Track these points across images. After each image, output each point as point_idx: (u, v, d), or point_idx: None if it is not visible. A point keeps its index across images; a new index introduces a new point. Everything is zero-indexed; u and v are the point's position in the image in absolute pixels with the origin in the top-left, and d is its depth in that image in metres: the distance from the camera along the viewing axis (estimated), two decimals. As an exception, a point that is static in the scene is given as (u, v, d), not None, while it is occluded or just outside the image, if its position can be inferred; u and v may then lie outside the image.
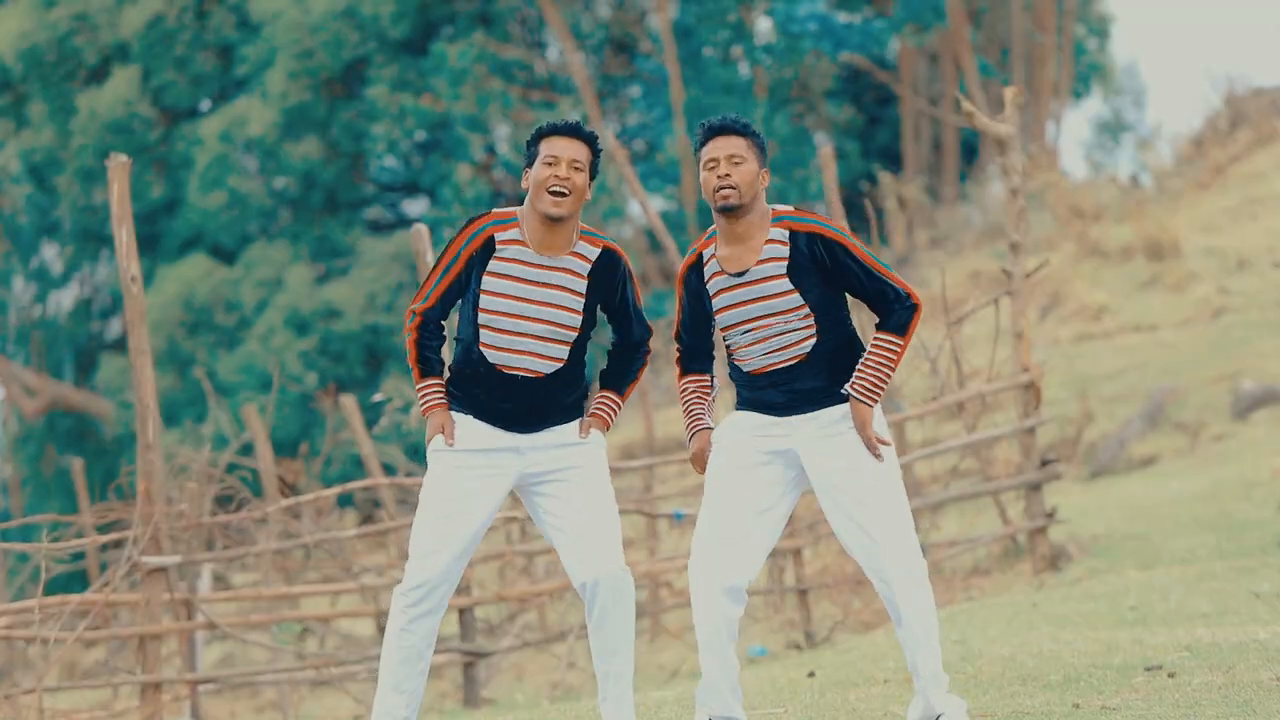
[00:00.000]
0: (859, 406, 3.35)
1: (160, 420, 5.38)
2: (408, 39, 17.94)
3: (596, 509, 3.37)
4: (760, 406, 3.41)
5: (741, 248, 3.37)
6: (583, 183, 3.34)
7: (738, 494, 3.36)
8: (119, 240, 5.27)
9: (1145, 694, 3.69)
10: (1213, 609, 5.08)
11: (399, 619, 3.37)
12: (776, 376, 3.37)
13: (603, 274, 3.38)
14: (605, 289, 3.39)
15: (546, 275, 3.35)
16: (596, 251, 3.39)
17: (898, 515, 3.35)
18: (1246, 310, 12.60)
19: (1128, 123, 22.82)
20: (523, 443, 3.39)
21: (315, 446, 12.73)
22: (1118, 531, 7.35)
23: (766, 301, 3.34)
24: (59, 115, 18.31)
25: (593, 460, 3.41)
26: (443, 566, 3.35)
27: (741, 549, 3.35)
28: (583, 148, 3.36)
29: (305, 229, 18.00)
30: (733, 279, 3.36)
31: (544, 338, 3.34)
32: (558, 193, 3.32)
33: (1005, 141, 6.74)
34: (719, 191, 3.34)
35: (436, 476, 3.40)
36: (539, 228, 3.35)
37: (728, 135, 3.36)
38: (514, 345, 3.34)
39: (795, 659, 5.81)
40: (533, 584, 6.98)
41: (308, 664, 6.10)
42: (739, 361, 3.42)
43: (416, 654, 3.37)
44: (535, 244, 3.35)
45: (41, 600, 5.16)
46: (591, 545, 3.34)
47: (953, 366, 7.53)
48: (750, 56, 18.61)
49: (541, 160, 3.34)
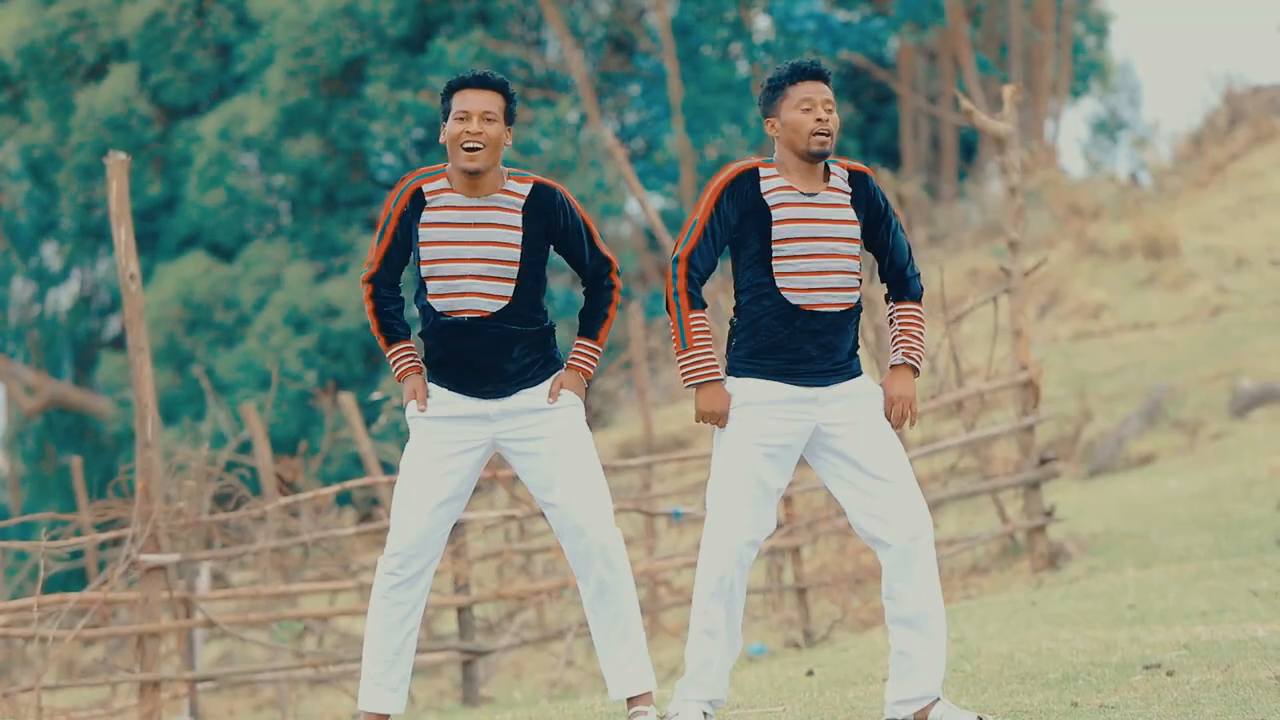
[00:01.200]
0: (907, 374, 3.35)
1: (159, 418, 5.38)
2: (407, 37, 17.92)
3: (578, 476, 3.35)
4: (788, 369, 3.30)
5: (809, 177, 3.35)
6: (497, 133, 3.34)
7: (761, 477, 3.31)
8: (117, 238, 5.27)
9: (1144, 692, 3.68)
10: (1211, 607, 5.08)
11: (379, 587, 3.38)
12: (821, 321, 3.29)
13: (538, 207, 3.36)
14: (543, 220, 3.37)
15: (478, 215, 3.35)
16: (528, 187, 3.39)
17: (913, 481, 3.36)
18: (1245, 309, 12.60)
19: (1123, 121, 22.82)
20: (492, 409, 3.37)
21: (314, 445, 12.71)
22: (1116, 530, 7.35)
23: (836, 225, 3.32)
24: (58, 113, 18.30)
25: (567, 426, 3.38)
26: (419, 533, 3.34)
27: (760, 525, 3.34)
28: (494, 96, 3.35)
29: (304, 227, 17.99)
30: (803, 196, 3.33)
31: (484, 276, 3.34)
32: (471, 147, 3.33)
33: (1004, 140, 6.74)
34: (816, 136, 3.32)
35: (411, 445, 3.42)
36: (461, 179, 3.37)
37: (821, 81, 3.37)
38: (456, 288, 3.34)
39: (794, 657, 5.81)
40: (531, 582, 6.98)
41: (306, 662, 6.10)
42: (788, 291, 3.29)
43: (398, 621, 3.35)
44: (463, 190, 3.37)
45: (40, 598, 5.15)
46: (578, 511, 3.33)
47: (951, 364, 7.53)
48: (749, 55, 18.60)
49: (454, 116, 3.35)
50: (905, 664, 3.37)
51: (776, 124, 3.38)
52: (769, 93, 3.41)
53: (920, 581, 3.32)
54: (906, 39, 18.80)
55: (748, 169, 3.36)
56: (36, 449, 19.03)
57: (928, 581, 3.33)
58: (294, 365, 16.04)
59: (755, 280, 3.34)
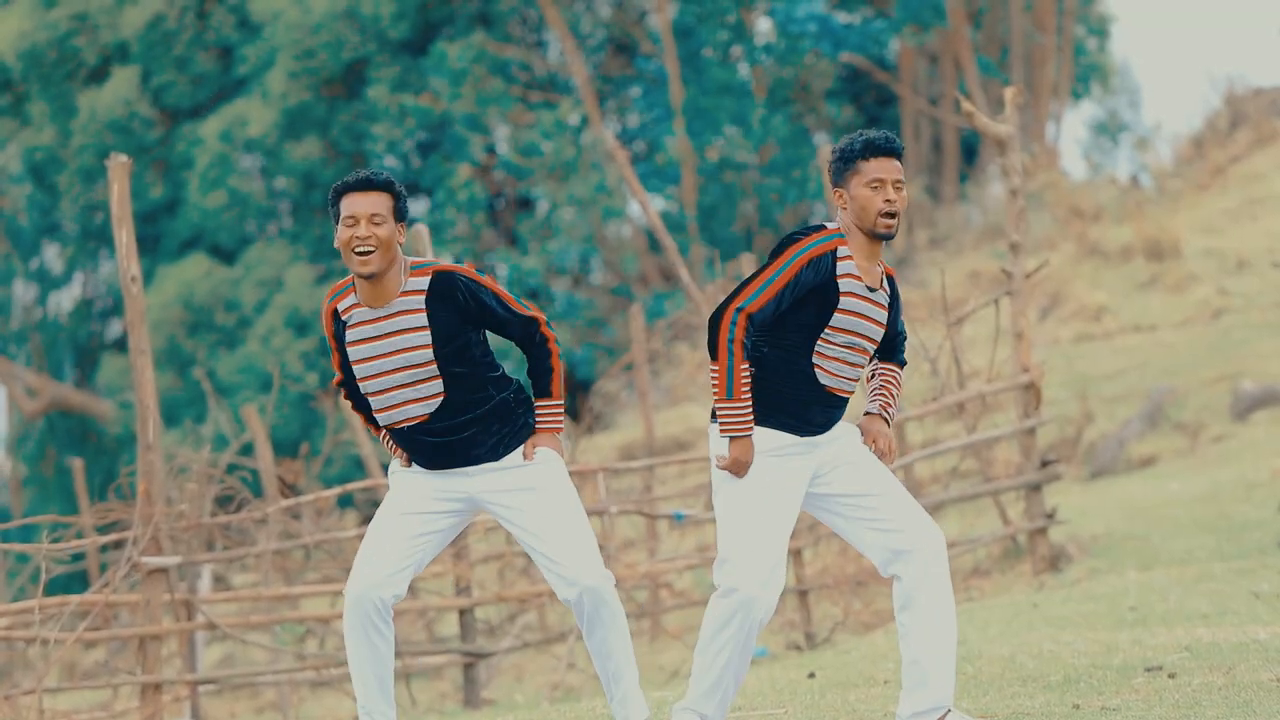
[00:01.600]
0: (881, 422, 3.45)
1: (160, 420, 5.37)
2: (408, 39, 17.93)
3: (561, 527, 3.38)
4: (793, 425, 3.36)
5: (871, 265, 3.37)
6: (388, 233, 3.33)
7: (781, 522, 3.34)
8: (119, 240, 5.27)
9: (1145, 695, 3.68)
10: (1213, 609, 5.07)
11: (346, 616, 3.43)
12: (836, 400, 3.37)
13: (439, 298, 3.36)
14: (450, 309, 3.36)
15: (385, 325, 3.36)
16: (426, 280, 3.38)
17: (909, 498, 3.41)
18: (1246, 311, 12.60)
19: (1124, 123, 22.83)
20: (470, 469, 3.41)
21: (315, 447, 12.71)
22: (1117, 532, 7.34)
23: (875, 326, 3.36)
24: (59, 115, 18.31)
25: (547, 478, 3.42)
26: (378, 577, 3.37)
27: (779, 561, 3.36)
28: (380, 198, 3.35)
29: (305, 229, 18.00)
30: (866, 290, 3.35)
31: (408, 384, 3.36)
32: (363, 251, 3.34)
33: (1005, 142, 6.73)
34: (883, 219, 3.31)
35: (390, 492, 3.47)
36: (364, 285, 3.37)
37: (894, 157, 3.33)
38: (390, 401, 3.38)
39: (795, 660, 5.81)
40: (532, 585, 6.98)
41: (308, 664, 6.10)
42: (820, 370, 3.34)
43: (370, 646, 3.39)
44: (368, 300, 3.39)
45: (41, 601, 5.16)
46: (565, 563, 3.37)
47: (953, 367, 7.53)
48: (750, 57, 18.60)
49: (342, 221, 3.37)
50: (917, 674, 3.38)
51: (845, 197, 3.35)
52: (840, 163, 3.36)
53: (938, 589, 3.35)
54: (908, 41, 18.80)
55: (832, 249, 3.33)
56: (38, 451, 19.03)
57: (944, 589, 3.36)
58: (295, 367, 16.05)
59: (794, 347, 3.35)
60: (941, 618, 3.33)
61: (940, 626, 3.33)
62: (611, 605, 3.39)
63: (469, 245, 17.95)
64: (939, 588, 3.33)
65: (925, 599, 3.33)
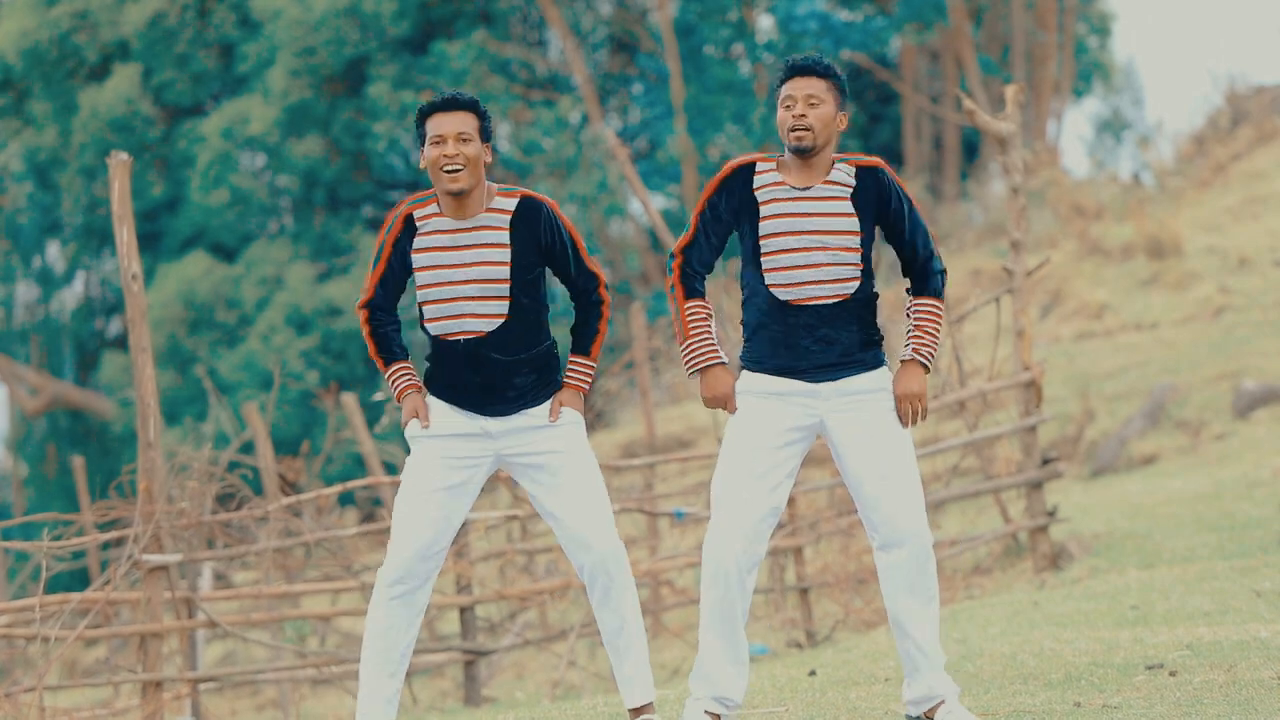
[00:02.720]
0: (917, 370, 3.34)
1: (161, 418, 5.37)
2: (409, 37, 17.92)
3: (581, 492, 3.38)
4: (784, 368, 3.31)
5: (809, 172, 3.35)
6: (474, 151, 3.36)
7: (762, 474, 3.31)
8: (120, 238, 5.26)
9: (1146, 693, 3.68)
10: (1214, 608, 5.06)
11: (379, 599, 3.40)
12: (813, 315, 3.29)
13: (524, 221, 3.37)
14: (531, 235, 3.37)
15: (466, 237, 3.37)
16: (514, 202, 3.40)
17: (914, 486, 3.35)
18: (1248, 309, 12.58)
19: (1127, 121, 22.80)
20: (493, 427, 3.39)
21: (316, 445, 12.71)
22: (1119, 530, 7.33)
23: (826, 219, 3.30)
24: (61, 114, 18.30)
25: (570, 442, 3.41)
26: (417, 551, 3.37)
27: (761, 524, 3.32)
28: (466, 117, 3.37)
29: (306, 227, 17.99)
30: (795, 190, 3.32)
31: (476, 296, 3.36)
32: (451, 169, 3.35)
33: (1006, 140, 6.72)
34: (793, 132, 3.32)
35: (414, 461, 3.43)
36: (448, 201, 3.39)
37: (808, 75, 3.35)
38: (450, 311, 3.37)
39: (796, 657, 5.80)
40: (534, 582, 6.98)
41: (308, 662, 6.10)
42: (775, 287, 3.31)
43: (399, 634, 3.38)
44: (450, 213, 3.40)
45: (42, 598, 5.14)
46: (582, 529, 3.36)
47: (954, 365, 7.52)
48: (751, 55, 18.59)
49: (429, 141, 3.38)
50: (909, 664, 3.41)
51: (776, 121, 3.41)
52: (772, 92, 3.45)
53: (909, 586, 3.34)
54: (909, 39, 18.78)
55: (743, 164, 3.37)
56: (39, 449, 19.03)
57: (916, 585, 3.35)
58: (296, 365, 16.04)
59: (750, 278, 3.36)
60: (924, 603, 3.34)
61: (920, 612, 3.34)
62: (625, 575, 3.38)
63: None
64: (909, 585, 3.32)
65: (899, 595, 3.34)
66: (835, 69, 3.38)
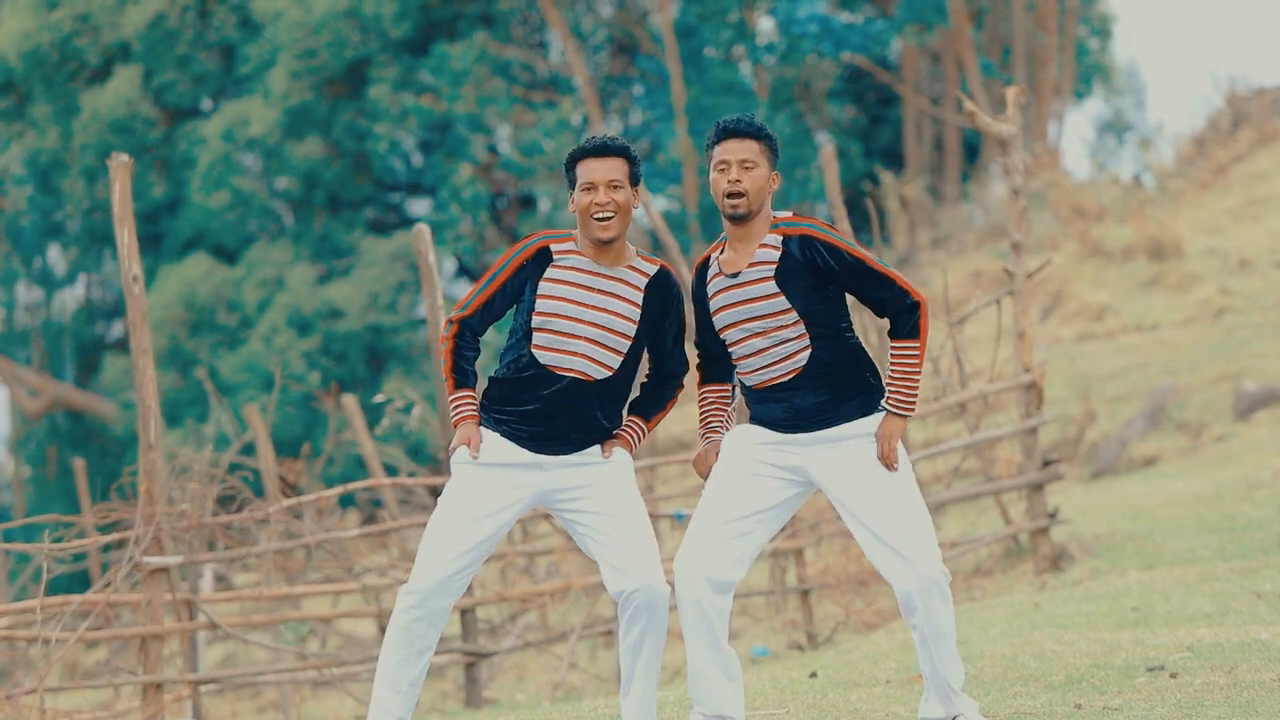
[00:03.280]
0: (892, 420, 3.32)
1: (162, 420, 5.37)
2: (410, 39, 17.92)
3: (629, 522, 3.38)
4: (766, 423, 3.37)
5: (744, 248, 3.36)
6: (625, 199, 3.36)
7: (736, 496, 3.34)
8: (120, 240, 5.26)
9: (1147, 694, 3.68)
10: (1215, 609, 5.05)
11: (400, 619, 3.38)
12: (776, 392, 3.33)
13: (657, 290, 3.40)
14: (658, 307, 3.40)
15: (604, 283, 3.39)
16: (654, 269, 3.42)
17: (918, 526, 3.30)
18: (1248, 311, 12.56)
19: (1129, 123, 22.79)
20: (546, 461, 3.40)
21: (317, 447, 12.70)
22: (1119, 532, 7.32)
23: (754, 304, 3.31)
24: (62, 116, 18.30)
25: (618, 476, 3.42)
26: (445, 575, 3.36)
27: (730, 548, 3.32)
28: (617, 163, 3.38)
29: (307, 229, 17.99)
30: (727, 280, 3.35)
31: (598, 342, 3.36)
32: (602, 217, 3.35)
33: (1007, 141, 6.72)
34: (728, 199, 3.33)
35: (453, 487, 3.41)
36: (591, 248, 3.40)
37: (742, 138, 3.35)
38: (567, 346, 3.36)
39: (797, 659, 5.79)
40: (534, 584, 6.97)
41: (309, 664, 6.09)
42: (741, 375, 3.40)
43: (416, 653, 3.37)
44: (592, 256, 3.40)
45: (43, 600, 5.14)
46: (632, 558, 3.34)
47: (954, 366, 7.51)
48: (752, 56, 18.59)
49: (580, 186, 3.38)
50: (926, 682, 3.39)
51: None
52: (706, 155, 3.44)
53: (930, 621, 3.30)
54: (909, 41, 18.77)
55: (700, 264, 3.43)
56: (39, 451, 19.01)
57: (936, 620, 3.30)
58: (297, 367, 16.02)
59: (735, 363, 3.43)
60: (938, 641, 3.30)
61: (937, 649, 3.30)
62: (662, 611, 3.35)
63: (472, 244, 17.95)
64: (929, 619, 3.27)
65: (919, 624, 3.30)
66: (767, 130, 3.38)
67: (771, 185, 3.37)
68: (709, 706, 3.36)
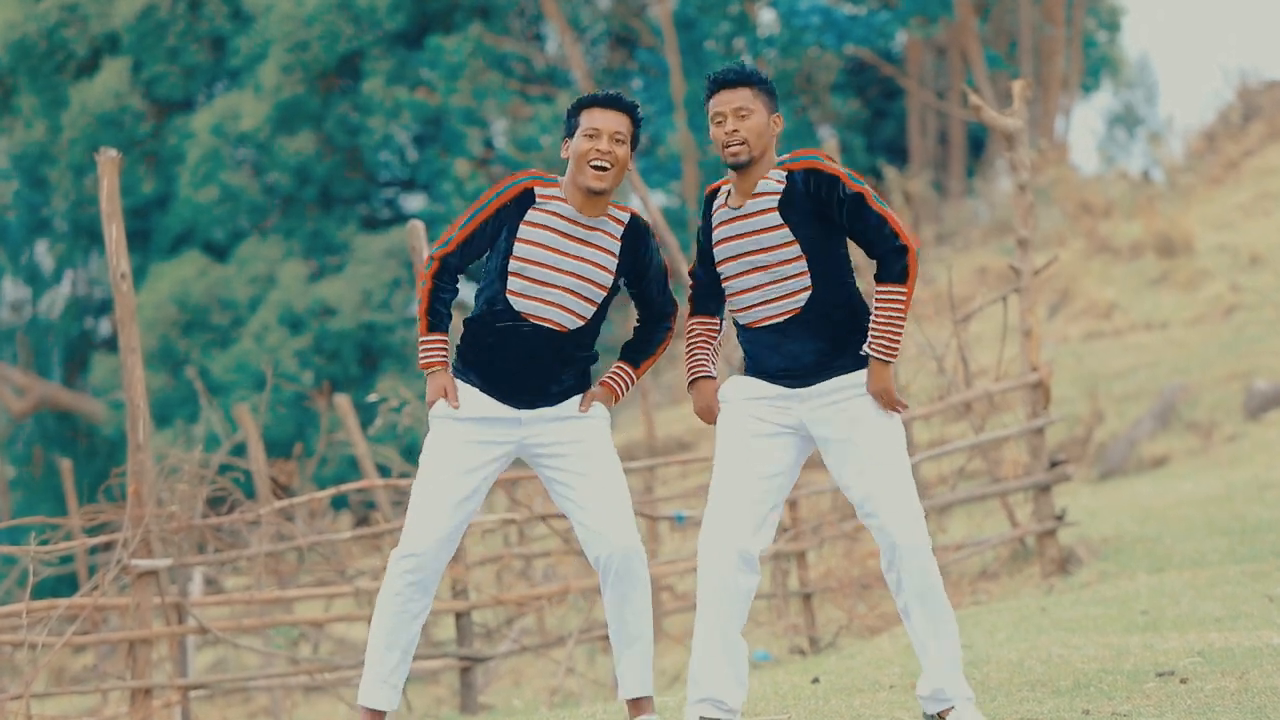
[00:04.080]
0: (878, 366, 3.27)
1: (150, 420, 5.29)
2: (404, 31, 17.80)
3: (605, 484, 3.37)
4: (762, 374, 3.33)
5: (745, 187, 3.34)
6: (625, 155, 3.37)
7: (750, 463, 3.30)
8: (109, 236, 5.23)
9: (1157, 700, 3.63)
10: (1226, 613, 4.99)
11: (392, 585, 3.34)
12: (772, 334, 3.28)
13: (631, 239, 3.40)
14: (634, 254, 3.40)
15: (585, 233, 3.36)
16: (626, 216, 3.41)
17: (902, 485, 3.29)
18: (1260, 308, 12.45)
19: (1140, 117, 22.68)
20: (523, 415, 3.37)
21: (309, 447, 12.60)
22: (1128, 534, 7.24)
23: (757, 236, 3.28)
24: (49, 109, 18.14)
25: (596, 434, 3.40)
26: (437, 535, 3.34)
27: (753, 517, 3.29)
28: (624, 119, 3.39)
29: (299, 225, 17.85)
30: (731, 212, 3.33)
31: (574, 292, 3.34)
32: (600, 167, 3.33)
33: (1013, 136, 6.62)
34: (728, 149, 3.31)
35: (436, 443, 3.38)
36: (578, 196, 3.37)
37: (733, 87, 3.34)
38: (544, 295, 3.33)
39: (799, 664, 5.72)
40: (531, 587, 6.89)
41: (301, 669, 6.02)
42: (735, 312, 3.36)
43: (410, 618, 3.35)
44: (576, 205, 3.37)
45: (29, 604, 5.10)
46: (606, 521, 3.34)
47: (959, 365, 7.42)
48: (753, 49, 18.48)
49: (582, 132, 3.34)
50: (920, 657, 3.37)
51: None
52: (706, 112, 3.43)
53: (917, 586, 3.30)
54: (914, 33, 18.66)
55: (711, 192, 3.40)
56: (26, 452, 18.90)
57: (925, 586, 3.30)
58: (289, 366, 15.92)
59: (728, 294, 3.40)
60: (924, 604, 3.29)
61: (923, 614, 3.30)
62: (641, 570, 3.36)
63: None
64: (918, 585, 3.27)
65: (911, 599, 3.29)
66: (760, 74, 3.35)
67: (774, 128, 3.35)
68: (708, 690, 3.27)
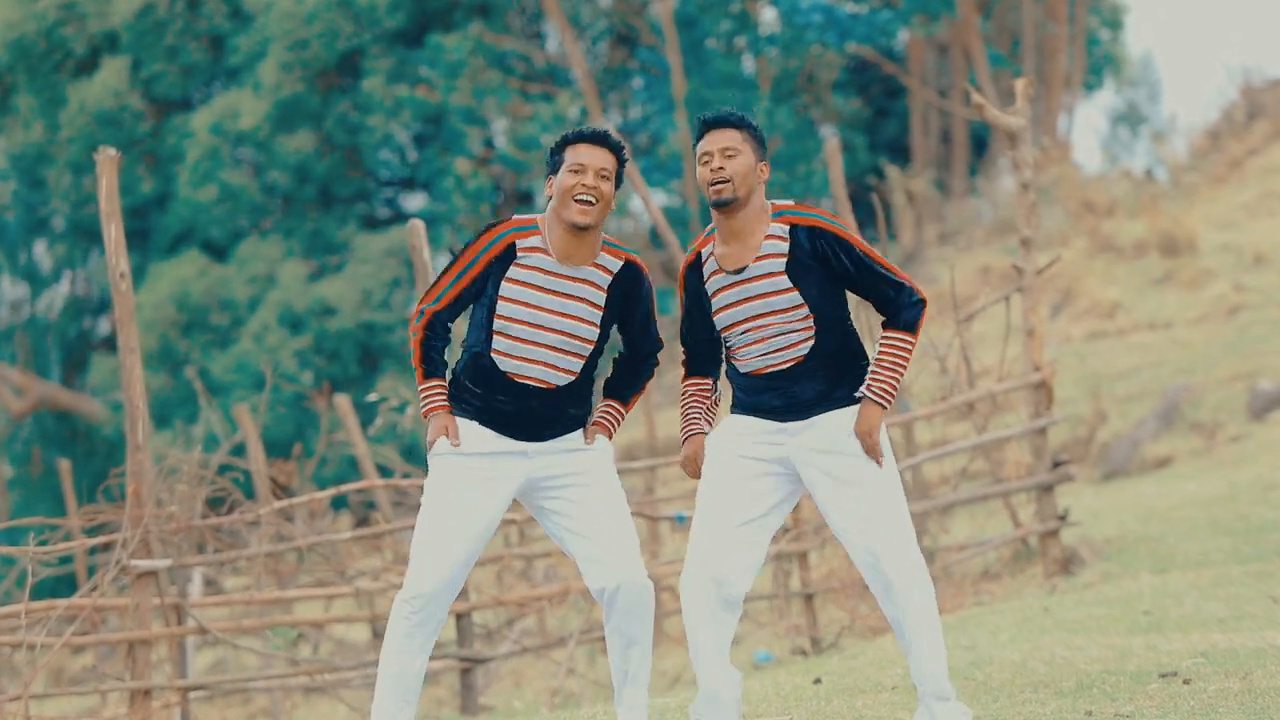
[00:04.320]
0: (871, 409, 3.28)
1: (150, 421, 5.28)
2: (404, 30, 17.77)
3: (612, 515, 3.34)
4: (756, 410, 3.35)
5: (739, 245, 3.31)
6: (609, 191, 3.34)
7: (731, 505, 3.30)
8: (107, 236, 5.22)
9: (1160, 701, 3.62)
10: (1229, 614, 4.99)
11: (400, 626, 3.32)
12: (773, 379, 3.31)
13: (623, 287, 3.37)
14: (624, 303, 3.37)
15: (567, 286, 3.32)
16: (619, 264, 3.37)
17: (898, 528, 3.28)
18: (1264, 307, 12.42)
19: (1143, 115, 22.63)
20: (529, 448, 3.35)
21: (309, 447, 12.58)
22: (1131, 534, 7.22)
23: (764, 300, 3.28)
24: (48, 108, 18.10)
25: (601, 466, 3.39)
26: (444, 576, 3.31)
27: (737, 559, 3.29)
28: (609, 156, 3.36)
29: (298, 224, 17.82)
30: (730, 277, 3.31)
31: (559, 349, 3.32)
32: (584, 201, 3.30)
33: (1016, 134, 6.60)
34: (712, 186, 3.30)
35: (438, 481, 3.34)
36: (562, 236, 3.33)
37: (722, 128, 3.33)
38: (528, 354, 3.31)
39: (801, 665, 5.70)
40: (531, 588, 6.87)
41: (300, 670, 6.01)
42: (736, 362, 3.37)
43: (418, 650, 3.33)
44: (558, 253, 3.33)
45: (28, 605, 5.08)
46: (612, 551, 3.31)
47: (962, 365, 7.39)
48: (754, 48, 18.45)
49: (568, 168, 3.32)
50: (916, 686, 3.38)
51: None
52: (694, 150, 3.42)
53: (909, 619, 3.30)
54: (916, 31, 18.63)
55: (692, 259, 3.39)
56: (25, 452, 18.86)
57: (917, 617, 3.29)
58: (289, 366, 15.88)
59: (725, 345, 3.41)
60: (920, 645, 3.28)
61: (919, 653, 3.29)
62: (648, 605, 3.32)
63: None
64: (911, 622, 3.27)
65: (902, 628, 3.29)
66: (750, 120, 3.39)
67: (760, 175, 3.35)
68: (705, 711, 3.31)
